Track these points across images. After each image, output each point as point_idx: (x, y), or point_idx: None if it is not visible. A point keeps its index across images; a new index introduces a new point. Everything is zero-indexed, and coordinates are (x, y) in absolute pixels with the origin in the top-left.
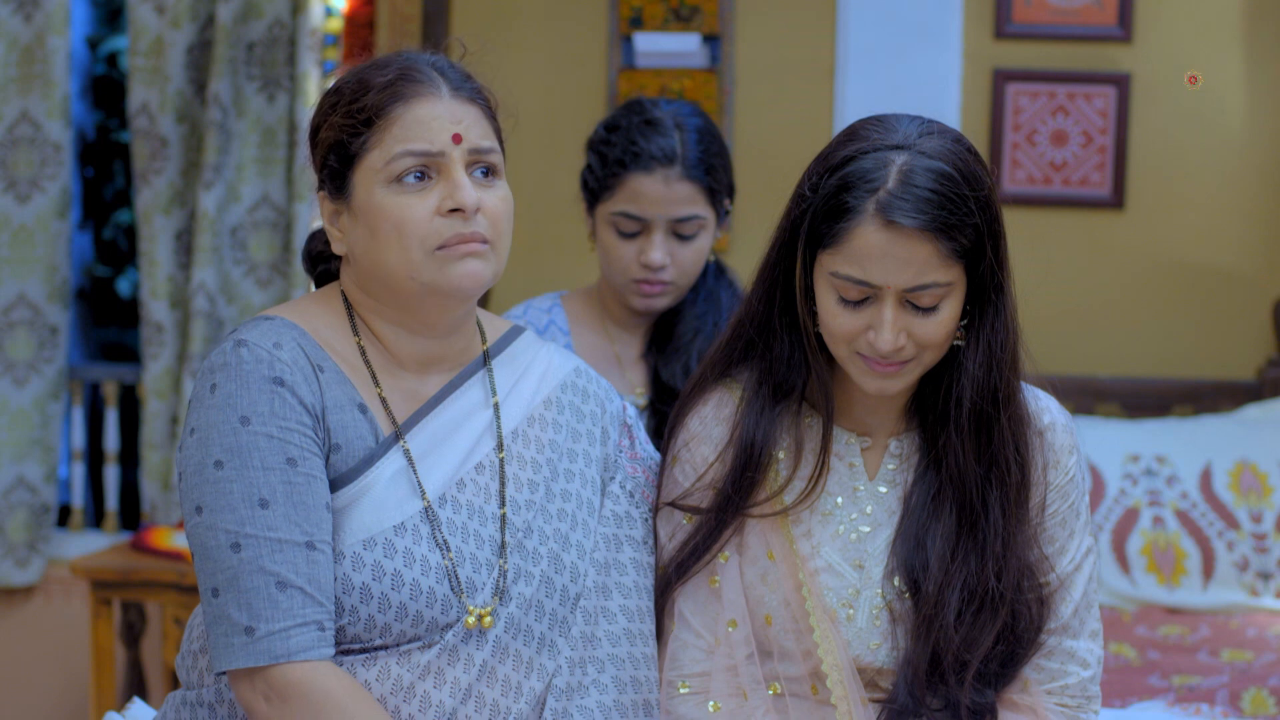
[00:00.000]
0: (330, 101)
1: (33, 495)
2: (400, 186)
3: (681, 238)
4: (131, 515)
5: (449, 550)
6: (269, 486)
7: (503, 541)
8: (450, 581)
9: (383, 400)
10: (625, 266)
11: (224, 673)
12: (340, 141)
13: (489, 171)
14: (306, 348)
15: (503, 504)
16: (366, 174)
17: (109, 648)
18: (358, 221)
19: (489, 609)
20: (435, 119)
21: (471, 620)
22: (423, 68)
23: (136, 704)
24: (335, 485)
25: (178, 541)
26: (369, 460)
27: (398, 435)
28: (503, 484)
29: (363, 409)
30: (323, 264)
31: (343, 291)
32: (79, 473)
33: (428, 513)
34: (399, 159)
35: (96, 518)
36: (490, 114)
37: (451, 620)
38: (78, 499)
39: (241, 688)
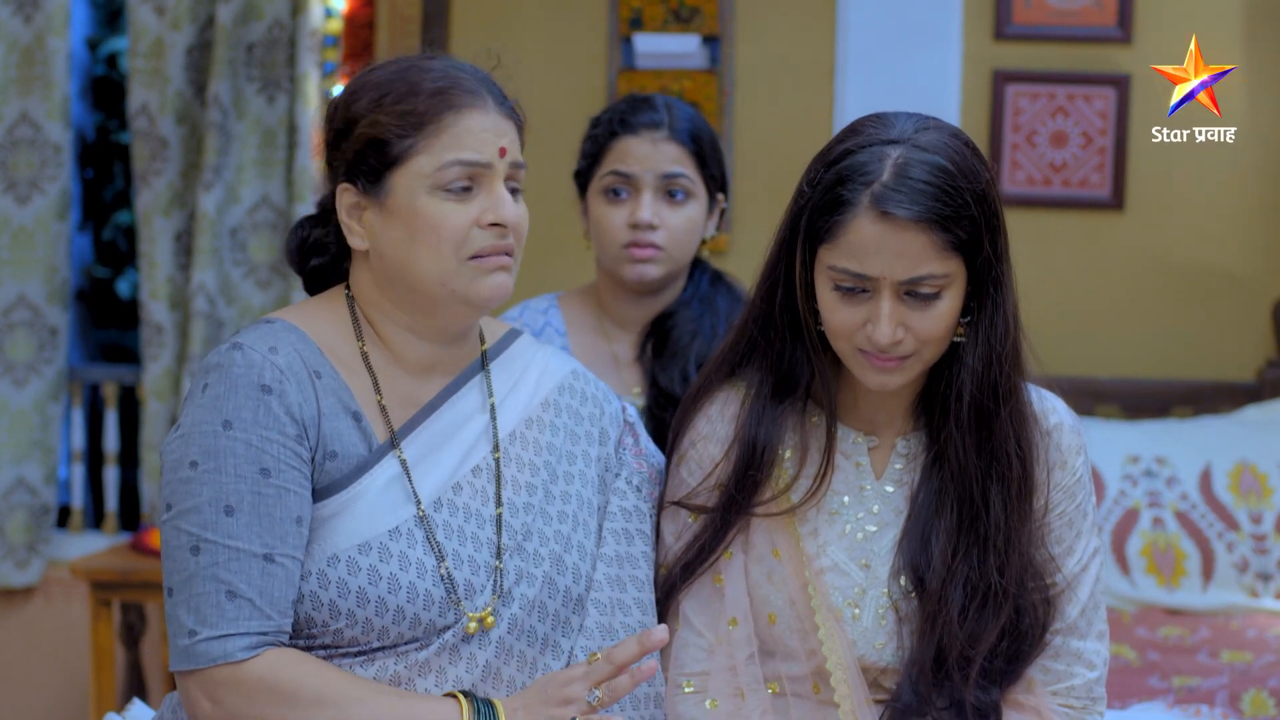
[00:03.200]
0: (372, 97)
1: (32, 496)
2: (445, 194)
3: (671, 198)
4: (131, 516)
5: (444, 554)
6: (237, 494)
7: (499, 543)
8: (446, 585)
9: (381, 406)
10: (615, 233)
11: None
12: (383, 140)
13: (516, 187)
14: (304, 353)
15: (499, 505)
16: (411, 177)
17: (109, 648)
18: (394, 222)
19: (488, 610)
20: (486, 130)
21: (473, 626)
22: (471, 78)
23: (136, 705)
24: (329, 491)
25: None
26: (362, 468)
27: (393, 441)
28: (499, 486)
29: (357, 417)
30: (317, 256)
31: (348, 290)
32: (79, 474)
33: (421, 517)
34: (449, 167)
35: (96, 519)
36: (520, 131)
37: (450, 623)
38: (77, 500)
39: (189, 690)
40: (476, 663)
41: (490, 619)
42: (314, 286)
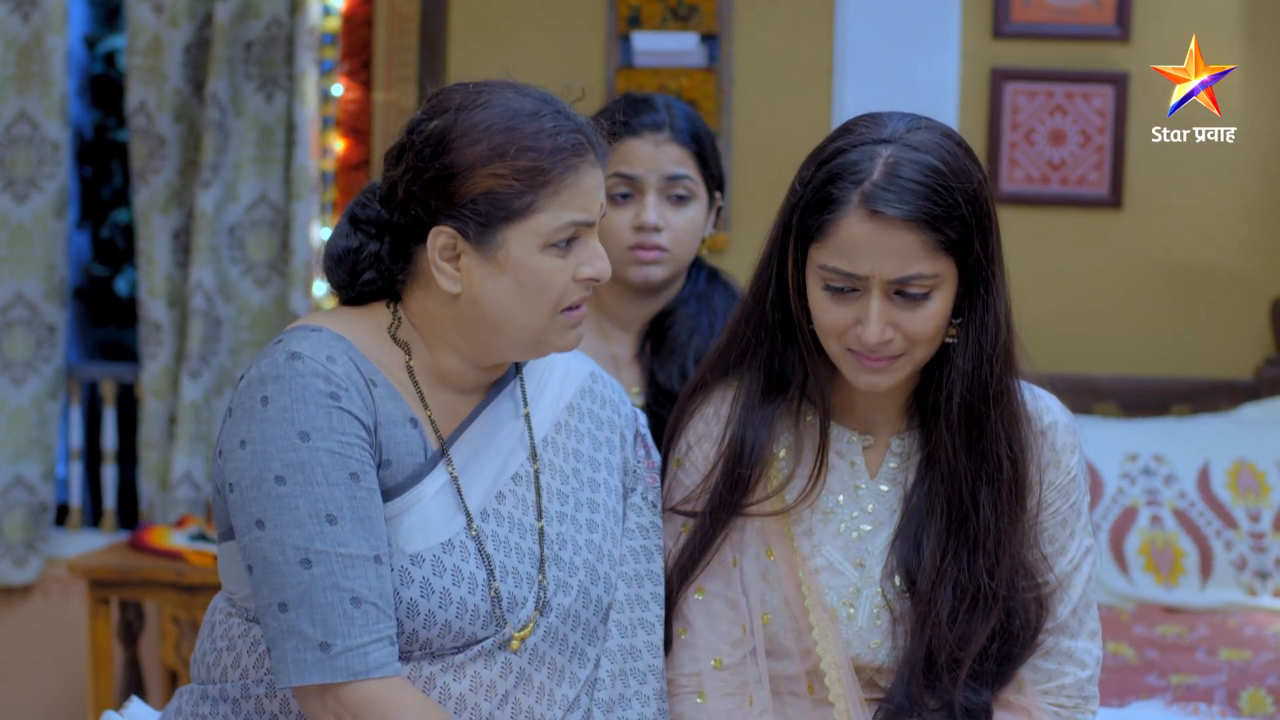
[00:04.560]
0: (490, 146)
1: (31, 494)
2: (554, 250)
3: (675, 200)
4: (129, 514)
5: (493, 567)
6: (335, 502)
7: (541, 554)
8: (493, 599)
9: (430, 419)
10: (620, 236)
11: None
12: (503, 193)
13: None
14: (358, 362)
15: (539, 515)
16: (526, 233)
17: (107, 647)
18: (502, 275)
19: (531, 622)
20: (597, 189)
21: (516, 643)
22: (581, 130)
23: (134, 703)
24: (383, 499)
25: (175, 540)
26: (418, 475)
27: (443, 451)
28: (538, 494)
29: (414, 423)
30: (369, 271)
31: (395, 309)
32: (77, 472)
33: (472, 528)
34: (565, 228)
35: (94, 517)
36: None
37: (490, 634)
38: (76, 498)
39: (311, 704)
40: (511, 668)
41: (531, 627)
42: (354, 298)
